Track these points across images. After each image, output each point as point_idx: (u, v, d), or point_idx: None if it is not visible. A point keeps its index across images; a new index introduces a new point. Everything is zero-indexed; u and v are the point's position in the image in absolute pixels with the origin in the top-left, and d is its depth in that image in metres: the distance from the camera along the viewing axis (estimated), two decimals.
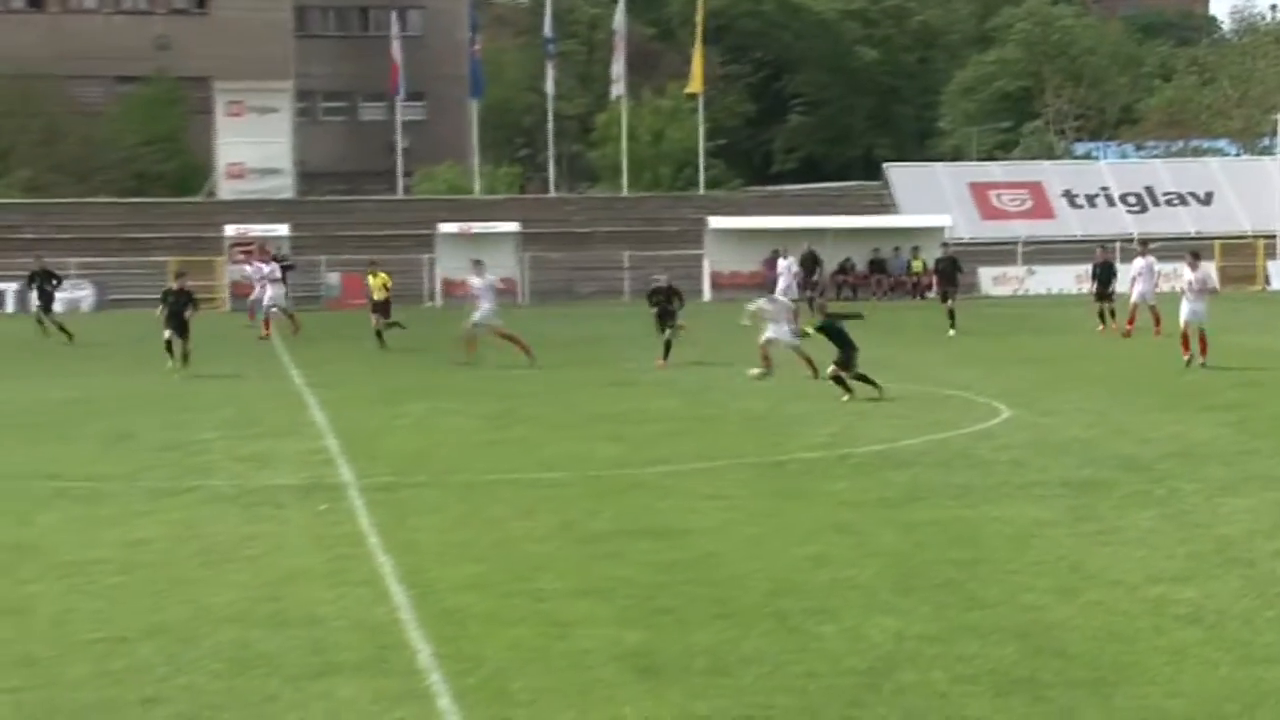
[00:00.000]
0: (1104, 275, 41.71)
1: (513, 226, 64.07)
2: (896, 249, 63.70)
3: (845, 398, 25.70)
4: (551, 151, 77.44)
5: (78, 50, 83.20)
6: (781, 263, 50.52)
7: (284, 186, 73.35)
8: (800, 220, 63.88)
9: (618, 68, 75.73)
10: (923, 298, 57.13)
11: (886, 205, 70.19)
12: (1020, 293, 62.54)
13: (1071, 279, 58.76)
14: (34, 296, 45.72)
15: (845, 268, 63.56)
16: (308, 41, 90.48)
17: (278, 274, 45.61)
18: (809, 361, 28.70)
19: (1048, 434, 21.73)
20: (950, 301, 42.07)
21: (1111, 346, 36.53)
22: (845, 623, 11.69)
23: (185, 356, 32.18)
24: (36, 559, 14.42)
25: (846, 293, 62.01)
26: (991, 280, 63.98)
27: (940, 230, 61.19)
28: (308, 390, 28.98)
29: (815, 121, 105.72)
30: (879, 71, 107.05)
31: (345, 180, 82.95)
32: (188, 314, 32.50)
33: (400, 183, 78.76)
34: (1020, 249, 65.84)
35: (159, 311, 33.08)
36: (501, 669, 10.60)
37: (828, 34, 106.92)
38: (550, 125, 76.78)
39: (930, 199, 68.60)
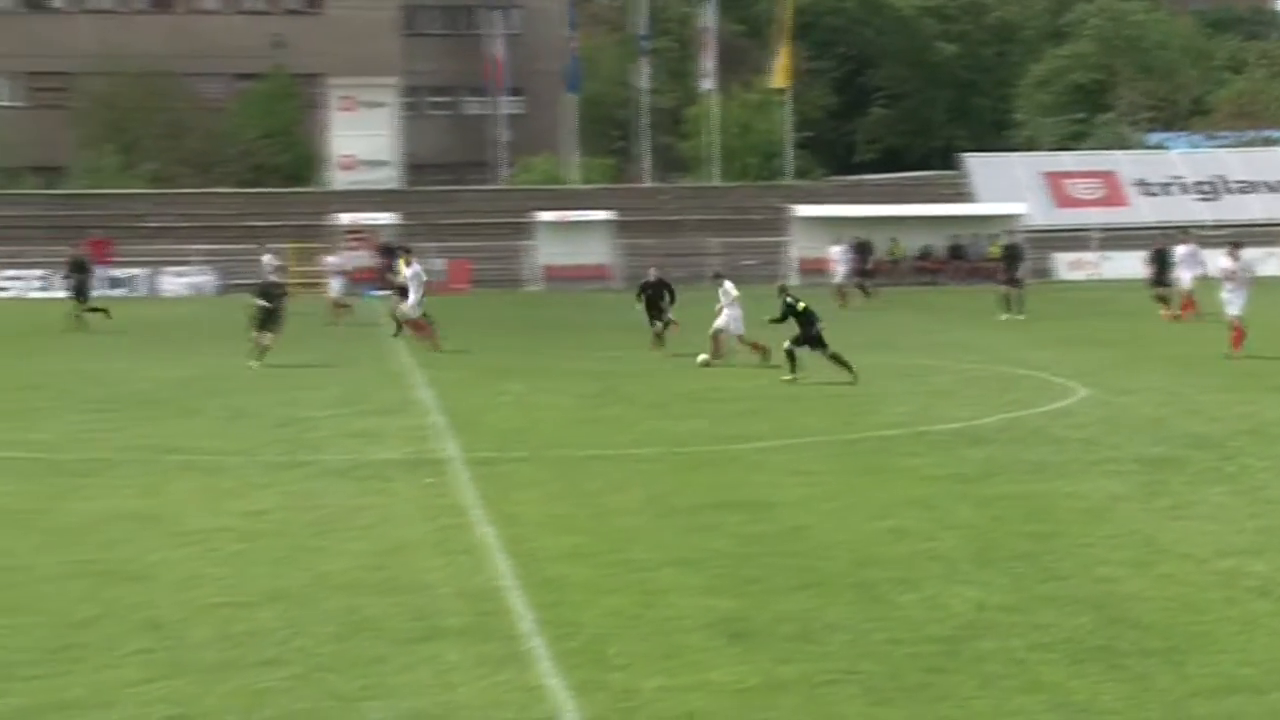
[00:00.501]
0: (1160, 262, 41.22)
1: (607, 215, 64.16)
2: (975, 236, 63.25)
3: (788, 377, 25.60)
4: (645, 143, 77.39)
5: (199, 49, 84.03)
6: (834, 249, 50.35)
7: (391, 177, 73.89)
8: (881, 209, 63.54)
9: (708, 63, 75.58)
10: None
11: (964, 194, 69.69)
12: (1094, 278, 61.92)
13: (1143, 264, 58.11)
14: (68, 285, 43.29)
15: (926, 254, 63.21)
16: (414, 39, 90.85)
17: (345, 265, 46.69)
18: (755, 347, 28.93)
19: (1121, 413, 21.50)
20: (1012, 287, 41.67)
21: (1181, 329, 36.10)
22: (926, 592, 11.62)
23: (264, 350, 30.17)
24: (163, 527, 14.59)
25: (926, 278, 61.74)
26: (1066, 265, 63.41)
27: (1016, 217, 60.70)
28: (412, 370, 29.14)
29: (896, 114, 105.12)
30: (957, 65, 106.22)
31: (449, 171, 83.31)
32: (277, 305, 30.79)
33: (500, 173, 78.96)
34: (1095, 235, 65.18)
35: (254, 308, 31.03)
36: (599, 634, 10.62)
37: (908, 30, 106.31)
38: (643, 118, 76.73)
39: (1006, 188, 68.10)
